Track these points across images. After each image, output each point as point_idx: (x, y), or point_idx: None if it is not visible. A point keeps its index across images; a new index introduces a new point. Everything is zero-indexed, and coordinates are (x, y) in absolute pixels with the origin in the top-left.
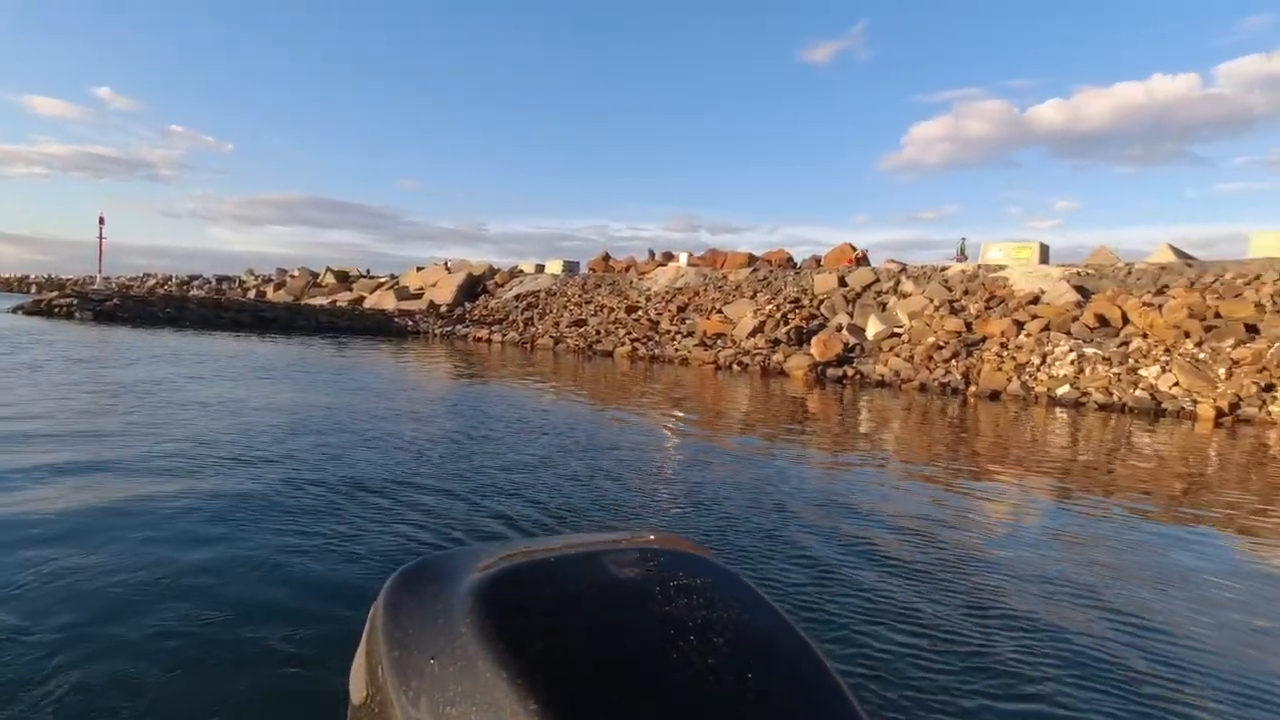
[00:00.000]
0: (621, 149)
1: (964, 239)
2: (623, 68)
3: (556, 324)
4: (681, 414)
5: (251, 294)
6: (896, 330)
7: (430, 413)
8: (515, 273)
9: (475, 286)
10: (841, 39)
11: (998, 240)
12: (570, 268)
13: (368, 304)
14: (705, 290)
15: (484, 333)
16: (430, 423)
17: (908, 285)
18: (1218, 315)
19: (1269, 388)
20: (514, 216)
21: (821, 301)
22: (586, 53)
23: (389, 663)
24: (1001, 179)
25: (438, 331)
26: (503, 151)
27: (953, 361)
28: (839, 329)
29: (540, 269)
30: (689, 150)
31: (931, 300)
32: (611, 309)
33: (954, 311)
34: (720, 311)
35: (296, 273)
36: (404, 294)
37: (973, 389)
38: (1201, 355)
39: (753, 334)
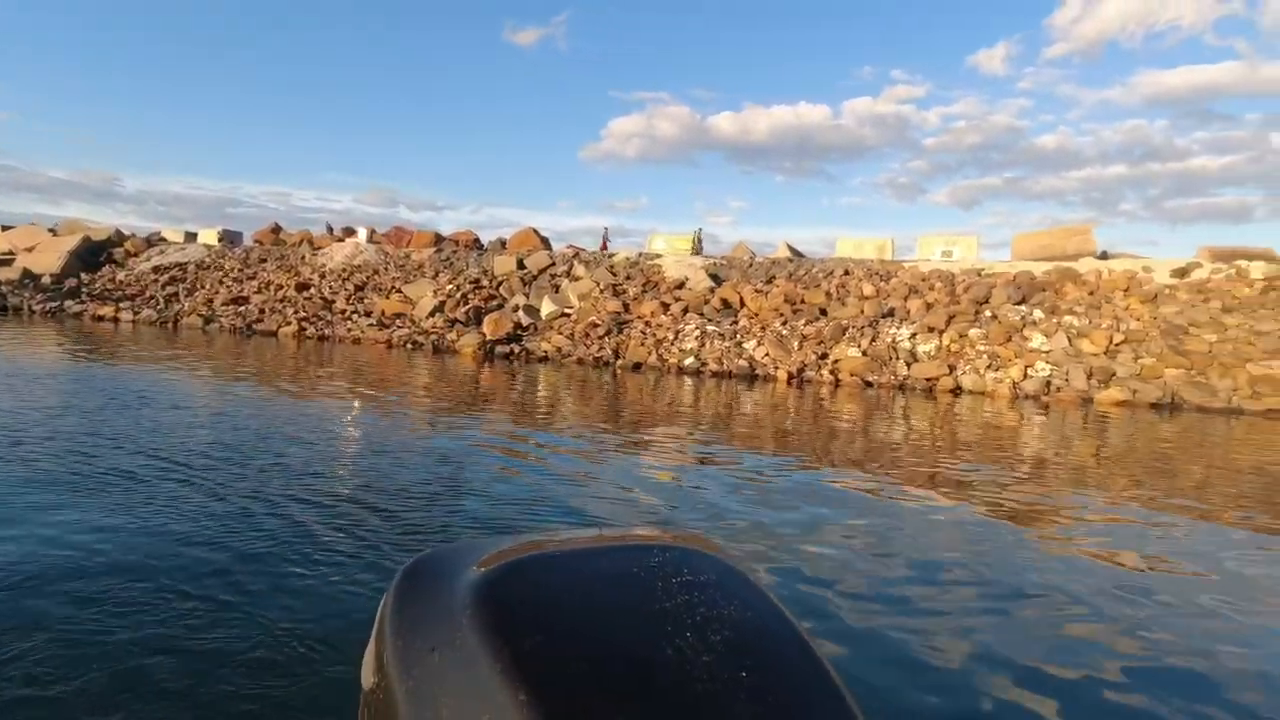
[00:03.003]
0: (311, 106)
1: (699, 229)
2: (313, 13)
3: (209, 301)
4: (328, 384)
5: None
6: (567, 311)
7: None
8: (155, 241)
9: (97, 254)
10: (545, 26)
11: (664, 233)
12: (231, 238)
13: None
14: (386, 269)
15: (109, 310)
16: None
17: (579, 269)
18: (803, 301)
19: (823, 356)
20: (164, 172)
21: (501, 283)
22: None
23: (393, 652)
24: (687, 177)
25: (37, 308)
26: (149, 89)
27: (606, 338)
28: (515, 309)
29: (192, 238)
30: (391, 119)
31: (598, 284)
32: (280, 286)
33: (616, 294)
34: (400, 291)
35: None
36: None
37: (620, 362)
38: (785, 332)
39: (432, 314)
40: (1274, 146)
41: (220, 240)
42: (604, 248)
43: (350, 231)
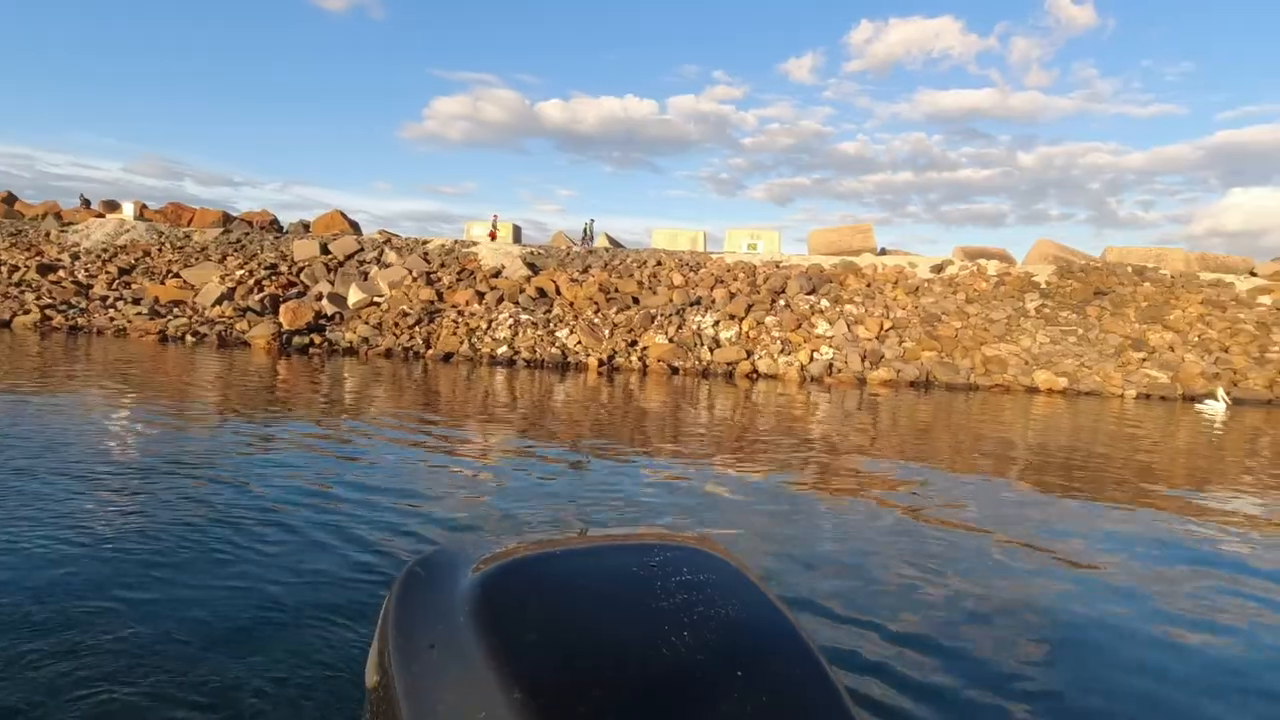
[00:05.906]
0: (69, 57)
1: (592, 220)
2: None
3: None
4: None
5: None
6: (377, 299)
7: None
8: None
9: None
10: None
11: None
12: None
13: None
14: (161, 251)
15: None
16: None
17: (391, 256)
18: (616, 290)
19: (633, 343)
20: None
21: (302, 269)
22: None
23: (394, 648)
24: (514, 163)
25: None
26: None
27: (416, 328)
28: (319, 297)
29: None
30: (173, 79)
31: (411, 271)
32: (16, 267)
33: (430, 282)
34: (178, 275)
35: None
36: None
37: (431, 352)
38: (597, 320)
39: (219, 302)
40: (1020, 164)
41: None
42: (493, 236)
43: (113, 206)
